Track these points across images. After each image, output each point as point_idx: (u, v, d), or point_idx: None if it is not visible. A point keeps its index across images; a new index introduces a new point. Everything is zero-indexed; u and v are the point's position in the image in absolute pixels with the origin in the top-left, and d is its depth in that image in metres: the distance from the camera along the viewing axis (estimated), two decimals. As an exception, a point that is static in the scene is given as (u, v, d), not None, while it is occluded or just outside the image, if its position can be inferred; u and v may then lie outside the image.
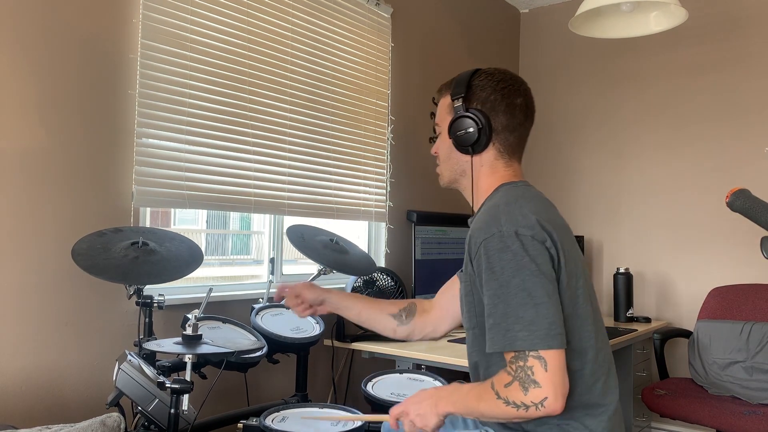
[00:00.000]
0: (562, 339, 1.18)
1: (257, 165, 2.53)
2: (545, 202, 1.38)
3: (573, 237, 1.37)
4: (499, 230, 1.24)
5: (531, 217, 1.26)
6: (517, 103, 1.41)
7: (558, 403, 1.16)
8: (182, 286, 2.35)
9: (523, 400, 1.17)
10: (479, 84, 1.41)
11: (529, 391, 1.16)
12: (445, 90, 1.49)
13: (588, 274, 1.38)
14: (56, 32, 1.98)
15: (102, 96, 2.09)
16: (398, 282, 2.85)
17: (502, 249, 1.22)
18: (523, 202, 1.30)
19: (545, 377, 1.16)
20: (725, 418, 2.71)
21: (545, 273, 1.21)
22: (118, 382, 1.66)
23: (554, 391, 1.16)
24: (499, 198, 1.34)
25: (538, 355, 1.17)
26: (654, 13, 2.47)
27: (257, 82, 2.54)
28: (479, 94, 1.40)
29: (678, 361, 3.68)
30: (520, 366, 1.18)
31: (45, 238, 1.95)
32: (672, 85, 3.80)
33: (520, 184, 1.41)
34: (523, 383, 1.17)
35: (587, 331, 1.29)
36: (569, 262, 1.28)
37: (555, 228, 1.28)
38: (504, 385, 1.20)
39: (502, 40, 4.24)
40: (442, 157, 1.50)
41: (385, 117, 3.21)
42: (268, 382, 2.63)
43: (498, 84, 1.41)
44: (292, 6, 2.69)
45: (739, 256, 3.54)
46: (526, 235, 1.23)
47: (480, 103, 1.40)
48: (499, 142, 1.41)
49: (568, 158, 4.17)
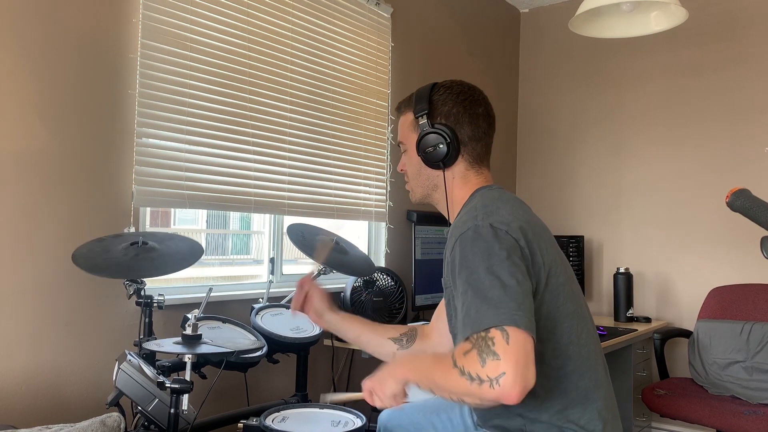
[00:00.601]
0: (528, 322, 1.11)
1: (257, 165, 2.53)
2: (521, 204, 1.39)
3: (551, 237, 1.38)
4: (474, 224, 1.25)
5: (507, 216, 1.27)
6: (479, 112, 1.44)
7: (516, 388, 1.05)
8: (182, 285, 2.35)
9: (479, 372, 1.08)
10: (440, 98, 1.43)
11: (487, 363, 1.07)
12: (405, 107, 1.50)
13: (572, 272, 1.38)
14: (56, 32, 1.98)
15: (102, 96, 2.09)
16: (398, 282, 2.85)
17: (475, 239, 1.22)
18: (500, 204, 1.32)
19: (506, 350, 1.07)
20: (725, 418, 2.71)
21: (515, 261, 1.20)
22: (118, 382, 1.66)
23: (514, 369, 1.05)
24: (477, 201, 1.36)
25: (502, 328, 1.09)
26: (654, 13, 2.47)
27: (257, 82, 2.54)
28: (441, 108, 1.43)
29: (678, 361, 3.68)
30: (481, 336, 1.11)
31: (45, 238, 1.95)
32: (672, 85, 3.80)
33: (494, 188, 1.43)
34: (481, 353, 1.09)
35: (568, 327, 1.29)
36: (547, 260, 1.28)
37: (531, 228, 1.29)
38: (463, 353, 1.12)
39: (502, 40, 4.24)
40: (411, 174, 1.51)
41: (385, 117, 3.21)
42: (268, 382, 2.63)
43: (458, 96, 1.43)
44: (292, 6, 2.69)
45: (739, 256, 3.54)
46: (500, 228, 1.23)
47: (444, 117, 1.42)
48: (468, 153, 1.44)
49: (568, 158, 4.17)
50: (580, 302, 1.36)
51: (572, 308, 1.31)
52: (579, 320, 1.32)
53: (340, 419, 1.92)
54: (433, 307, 3.18)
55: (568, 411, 1.28)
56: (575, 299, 1.33)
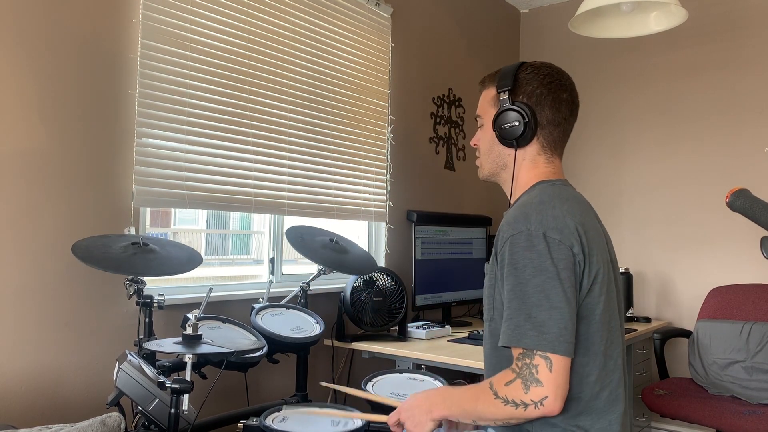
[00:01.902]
0: (569, 347, 1.18)
1: (257, 165, 2.53)
2: (582, 203, 1.36)
3: (605, 243, 1.34)
4: (527, 228, 1.23)
5: (562, 218, 1.25)
6: (563, 98, 1.39)
7: (557, 404, 1.17)
8: (182, 286, 2.35)
9: (523, 398, 1.18)
10: (525, 77, 1.39)
11: (530, 390, 1.17)
12: (489, 82, 1.47)
13: (619, 283, 1.36)
14: (56, 32, 1.98)
15: (102, 96, 2.09)
16: (398, 282, 2.85)
17: (528, 248, 1.22)
18: (557, 203, 1.29)
19: (549, 377, 1.17)
20: (725, 418, 2.71)
21: (564, 279, 1.20)
22: (118, 382, 1.66)
23: (555, 391, 1.16)
24: (534, 195, 1.33)
25: (545, 355, 1.17)
26: (654, 13, 2.47)
27: (257, 82, 2.54)
28: (525, 87, 1.39)
29: (678, 361, 3.68)
30: (526, 363, 1.18)
31: (45, 238, 1.95)
32: (672, 85, 3.80)
33: (558, 183, 1.39)
34: (526, 381, 1.18)
35: (600, 337, 1.28)
36: (593, 269, 1.26)
37: (586, 232, 1.27)
38: (504, 384, 1.20)
39: (502, 40, 4.24)
40: (483, 149, 1.48)
41: (385, 117, 3.21)
42: (268, 382, 2.63)
43: (545, 78, 1.39)
44: (292, 6, 2.69)
45: (739, 256, 3.54)
46: (554, 238, 1.22)
47: (526, 97, 1.38)
48: (543, 137, 1.40)
49: (568, 158, 4.17)
50: (618, 315, 1.34)
51: (606, 318, 1.29)
52: (611, 332, 1.31)
53: (339, 419, 1.92)
54: (434, 307, 3.18)
55: (581, 417, 1.27)
56: (611, 310, 1.31)
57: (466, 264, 3.41)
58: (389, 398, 1.58)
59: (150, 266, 1.80)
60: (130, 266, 1.76)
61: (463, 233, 3.38)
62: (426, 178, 3.51)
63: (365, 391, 1.59)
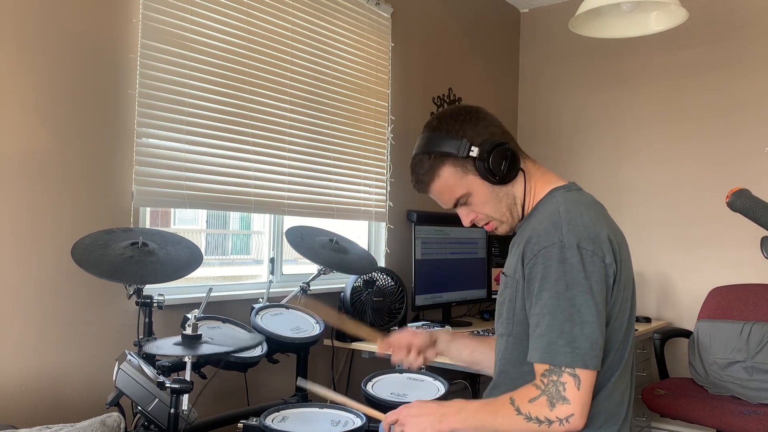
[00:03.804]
0: (598, 361, 1.18)
1: (257, 165, 2.53)
2: (602, 208, 1.35)
3: (628, 248, 1.34)
4: (560, 240, 1.20)
5: (593, 228, 1.23)
6: (498, 122, 1.38)
7: (582, 421, 1.16)
8: (182, 286, 2.35)
9: (548, 415, 1.16)
10: (472, 124, 1.34)
11: (556, 407, 1.16)
12: (436, 165, 1.33)
13: (634, 284, 1.35)
14: (56, 32, 1.98)
15: (102, 96, 2.09)
16: (398, 282, 2.85)
17: (561, 260, 1.19)
18: (583, 209, 1.27)
19: (576, 395, 1.16)
20: (725, 418, 2.71)
21: (596, 292, 1.19)
22: (118, 382, 1.66)
23: (581, 410, 1.16)
24: (558, 203, 1.29)
25: (574, 372, 1.16)
26: (654, 13, 2.47)
27: (257, 82, 2.54)
28: (479, 132, 1.33)
29: (678, 361, 3.68)
30: (552, 380, 1.17)
31: (45, 238, 1.95)
32: (672, 85, 3.80)
33: (572, 188, 1.36)
34: (552, 399, 1.16)
35: (624, 342, 1.28)
36: (623, 275, 1.26)
37: (616, 238, 1.27)
38: (528, 400, 1.19)
39: (502, 40, 4.24)
40: (491, 209, 1.36)
41: (385, 117, 3.21)
42: (268, 382, 2.63)
43: (475, 117, 1.35)
44: (292, 6, 2.69)
45: (739, 256, 3.53)
46: (588, 249, 1.20)
47: (489, 138, 1.32)
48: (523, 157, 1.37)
49: (567, 158, 4.17)
50: (633, 317, 1.34)
51: (627, 324, 1.29)
52: (628, 335, 1.31)
53: (339, 419, 1.92)
54: (434, 307, 3.18)
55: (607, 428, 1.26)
56: (631, 314, 1.31)
57: (466, 264, 3.41)
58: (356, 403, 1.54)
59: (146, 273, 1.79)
60: (123, 274, 1.75)
61: (463, 233, 3.38)
62: (426, 178, 3.50)
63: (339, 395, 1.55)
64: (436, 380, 2.21)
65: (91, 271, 1.72)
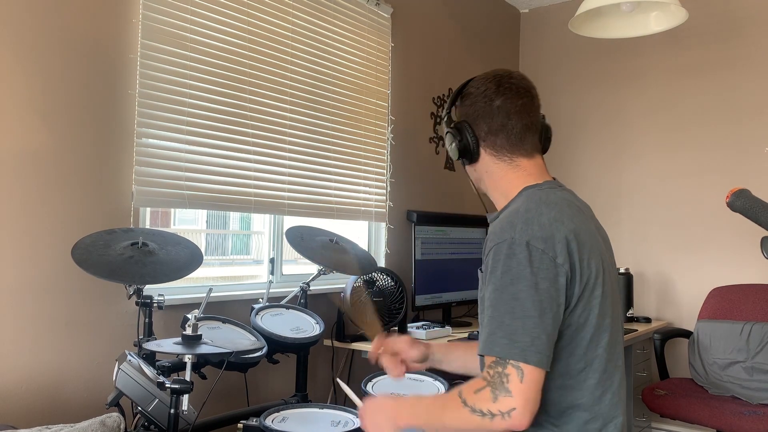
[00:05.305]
0: (541, 358, 1.15)
1: (257, 165, 2.53)
2: (571, 206, 1.33)
3: (599, 244, 1.32)
4: (511, 237, 1.22)
5: (549, 227, 1.23)
6: (495, 105, 1.38)
7: (525, 418, 1.14)
8: (182, 286, 2.35)
9: (490, 408, 1.15)
10: (465, 95, 1.43)
11: (498, 399, 1.14)
12: None
13: (615, 284, 1.34)
14: (56, 32, 1.98)
15: (102, 96, 2.09)
16: (398, 282, 2.85)
17: (509, 255, 1.20)
18: (544, 209, 1.26)
19: (519, 388, 1.14)
20: (725, 418, 2.71)
21: (542, 289, 1.18)
22: (118, 382, 1.66)
23: (524, 404, 1.13)
24: (521, 203, 1.31)
25: (517, 364, 1.14)
26: (654, 13, 2.47)
27: (257, 82, 2.54)
28: (462, 108, 1.43)
29: (678, 361, 3.68)
30: (498, 372, 1.16)
31: (45, 238, 1.95)
32: (672, 85, 3.80)
33: (544, 186, 1.36)
34: (495, 389, 1.15)
35: (597, 341, 1.26)
36: (585, 274, 1.24)
37: (577, 236, 1.25)
38: (474, 391, 1.18)
39: (502, 40, 4.24)
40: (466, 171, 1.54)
41: (385, 117, 3.21)
42: (268, 382, 2.63)
43: (477, 90, 1.41)
44: (292, 6, 2.69)
45: (739, 256, 3.54)
46: (537, 247, 1.20)
47: (464, 116, 1.42)
48: (489, 147, 1.40)
49: (567, 158, 4.17)
50: (615, 316, 1.32)
51: (607, 322, 1.28)
52: (611, 334, 1.29)
53: (339, 419, 1.92)
54: (434, 307, 3.18)
55: (588, 426, 1.26)
56: (611, 313, 1.30)
57: (466, 264, 3.41)
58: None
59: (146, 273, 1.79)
60: (123, 274, 1.76)
61: (463, 233, 3.38)
62: (426, 178, 3.51)
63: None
64: (436, 380, 2.21)
65: (91, 272, 1.72)
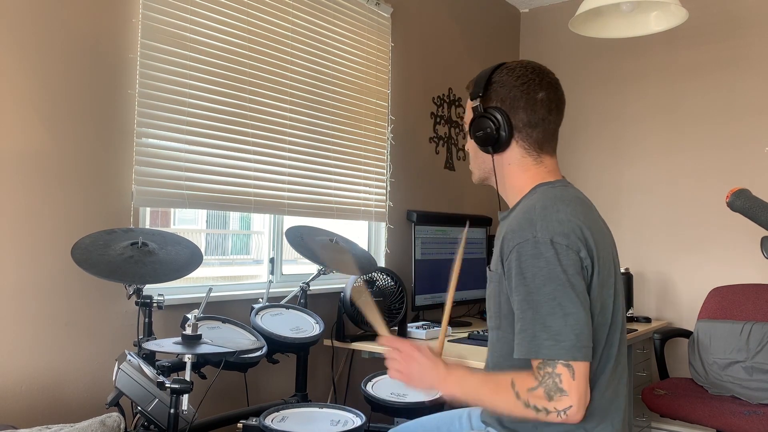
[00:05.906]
0: (587, 351, 1.17)
1: (257, 165, 2.53)
2: (584, 204, 1.34)
3: (610, 243, 1.34)
4: (533, 236, 1.22)
5: (568, 223, 1.23)
6: (539, 98, 1.37)
7: (580, 413, 1.17)
8: (182, 286, 2.35)
9: (546, 405, 1.17)
10: (499, 80, 1.38)
11: (555, 399, 1.17)
12: (468, 89, 1.47)
13: (620, 280, 1.35)
14: (56, 32, 1.98)
15: (102, 96, 2.09)
16: (398, 282, 2.85)
17: (536, 255, 1.20)
18: (560, 206, 1.27)
19: (572, 386, 1.16)
20: (725, 418, 2.71)
21: (575, 284, 1.20)
22: (117, 382, 1.66)
23: (578, 401, 1.16)
24: (536, 199, 1.31)
25: (567, 363, 1.16)
26: (654, 13, 2.47)
27: (257, 82, 2.54)
28: (499, 91, 1.38)
29: (678, 361, 3.68)
30: (548, 372, 1.17)
31: (45, 238, 1.95)
32: (672, 85, 3.80)
33: (558, 184, 1.37)
34: (549, 390, 1.17)
35: (607, 339, 1.28)
36: (602, 271, 1.26)
37: (593, 233, 1.26)
38: (528, 389, 1.19)
39: (502, 40, 4.24)
40: (471, 155, 1.49)
41: (385, 117, 3.21)
42: (268, 382, 2.63)
43: (518, 80, 1.37)
44: (292, 6, 2.69)
45: (739, 256, 3.54)
46: (561, 243, 1.21)
47: (499, 101, 1.37)
48: (523, 140, 1.38)
49: (567, 158, 4.17)
50: (621, 313, 1.34)
51: (614, 319, 1.29)
52: (616, 331, 1.31)
53: (339, 418, 1.92)
54: (434, 307, 3.18)
55: (585, 420, 1.26)
56: (617, 310, 1.31)
57: (466, 264, 3.41)
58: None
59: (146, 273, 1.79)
60: (123, 274, 1.76)
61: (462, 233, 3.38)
62: (426, 178, 3.51)
63: None
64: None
65: (91, 271, 1.72)
